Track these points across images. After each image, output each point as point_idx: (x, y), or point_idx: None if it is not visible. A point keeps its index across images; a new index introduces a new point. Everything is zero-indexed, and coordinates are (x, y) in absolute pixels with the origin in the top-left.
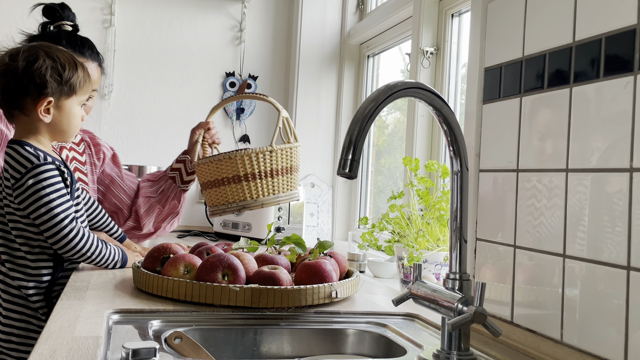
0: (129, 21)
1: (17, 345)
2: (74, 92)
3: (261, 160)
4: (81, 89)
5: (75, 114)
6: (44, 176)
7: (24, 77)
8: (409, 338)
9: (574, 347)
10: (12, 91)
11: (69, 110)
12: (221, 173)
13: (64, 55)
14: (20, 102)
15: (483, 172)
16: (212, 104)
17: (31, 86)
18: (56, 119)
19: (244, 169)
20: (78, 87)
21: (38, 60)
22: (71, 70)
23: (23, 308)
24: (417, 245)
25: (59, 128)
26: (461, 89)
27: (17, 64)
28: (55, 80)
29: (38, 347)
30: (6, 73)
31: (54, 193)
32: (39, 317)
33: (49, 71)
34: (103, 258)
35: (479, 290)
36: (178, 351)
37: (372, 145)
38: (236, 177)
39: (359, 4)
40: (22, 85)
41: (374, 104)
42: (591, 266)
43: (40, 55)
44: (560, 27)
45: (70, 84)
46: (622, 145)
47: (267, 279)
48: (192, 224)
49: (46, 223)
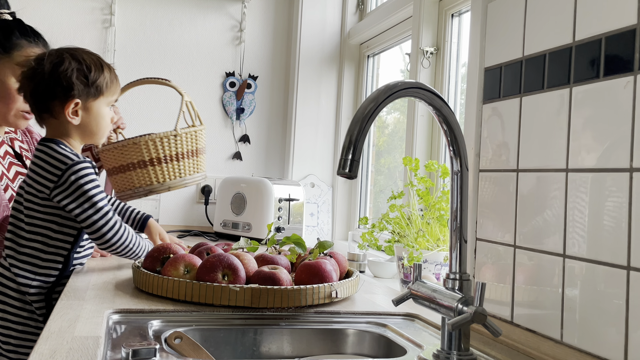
0: (129, 21)
1: (15, 347)
2: (101, 93)
3: (166, 144)
4: (108, 89)
5: (104, 115)
6: (85, 172)
7: (51, 80)
8: (409, 338)
9: (574, 347)
10: (41, 95)
11: (97, 112)
12: (127, 159)
13: (90, 57)
14: (49, 106)
15: (483, 172)
16: (212, 103)
17: (58, 89)
18: (85, 121)
19: (149, 153)
20: (105, 88)
21: (64, 62)
22: (97, 71)
23: (20, 311)
24: (417, 245)
25: (89, 129)
26: (461, 89)
27: (44, 68)
28: (81, 82)
29: (38, 347)
30: (34, 77)
31: (95, 188)
32: (36, 318)
33: (75, 73)
34: (138, 247)
35: (479, 290)
36: (178, 351)
37: (372, 145)
38: (142, 162)
39: (359, 4)
40: (50, 89)
41: (374, 104)
42: (591, 266)
43: (66, 58)
44: (560, 27)
45: (96, 85)
46: (622, 145)
47: (267, 279)
48: (192, 224)
49: (91, 217)
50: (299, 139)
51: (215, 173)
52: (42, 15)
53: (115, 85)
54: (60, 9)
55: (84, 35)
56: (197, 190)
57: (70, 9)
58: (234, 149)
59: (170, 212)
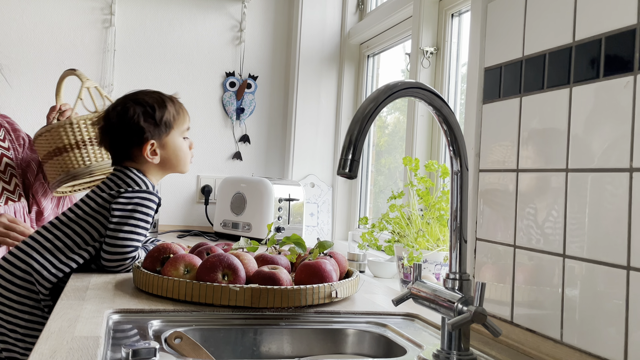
0: (129, 21)
1: (22, 336)
2: (171, 127)
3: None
4: (176, 122)
5: (180, 146)
6: (149, 204)
7: (122, 130)
8: (409, 338)
9: (574, 347)
10: (118, 145)
11: (173, 145)
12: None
13: (151, 96)
14: (128, 153)
15: (483, 172)
16: (212, 103)
17: (131, 136)
18: (164, 157)
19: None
20: (173, 121)
21: (128, 110)
22: (161, 108)
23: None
24: (417, 245)
25: (170, 164)
26: (461, 89)
27: (113, 121)
28: (150, 123)
29: (38, 347)
30: (107, 132)
31: (143, 222)
32: (41, 307)
33: (142, 117)
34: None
35: (479, 290)
36: (178, 351)
37: (372, 145)
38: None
39: (359, 4)
40: (124, 138)
41: (374, 104)
42: (591, 266)
43: (129, 106)
44: (560, 27)
45: (165, 122)
46: (622, 145)
47: (267, 279)
48: (192, 224)
49: (113, 241)
50: (299, 139)
51: (215, 173)
52: (42, 15)
53: (182, 116)
54: (60, 9)
55: (84, 35)
56: (197, 190)
57: (70, 9)
58: (234, 149)
59: (170, 212)
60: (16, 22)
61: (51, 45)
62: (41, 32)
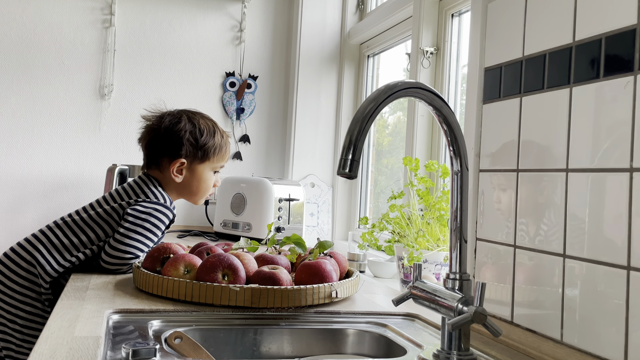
0: (129, 21)
1: (21, 327)
2: (207, 157)
3: None
4: (215, 156)
5: (206, 179)
6: (162, 217)
7: (165, 135)
8: (409, 338)
9: (574, 347)
10: (154, 147)
11: (200, 174)
12: None
13: (205, 122)
14: (158, 160)
15: (483, 172)
16: (212, 103)
17: (169, 146)
18: (187, 180)
19: None
20: (212, 153)
21: (180, 123)
22: (208, 136)
23: (28, 291)
24: (417, 245)
25: (188, 189)
26: (461, 89)
27: (162, 125)
28: (190, 143)
29: (38, 347)
30: (151, 131)
31: (151, 234)
32: (42, 300)
33: (187, 134)
34: None
35: (479, 290)
36: (178, 351)
37: (372, 145)
38: None
39: (359, 4)
40: (162, 144)
41: (374, 104)
42: (591, 266)
43: (183, 119)
44: (560, 27)
45: (204, 149)
46: (622, 145)
47: (267, 279)
48: (192, 224)
49: (117, 245)
50: (299, 139)
51: None
52: (42, 15)
53: (223, 153)
54: (60, 9)
55: (84, 35)
56: None
57: (70, 9)
58: (234, 149)
59: None
60: (16, 22)
61: (51, 45)
62: (41, 32)
